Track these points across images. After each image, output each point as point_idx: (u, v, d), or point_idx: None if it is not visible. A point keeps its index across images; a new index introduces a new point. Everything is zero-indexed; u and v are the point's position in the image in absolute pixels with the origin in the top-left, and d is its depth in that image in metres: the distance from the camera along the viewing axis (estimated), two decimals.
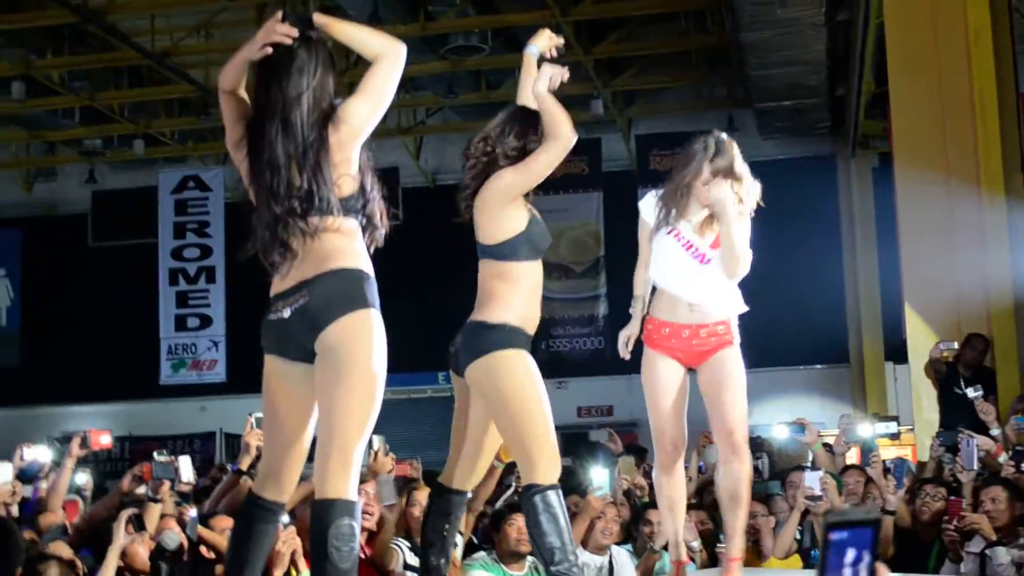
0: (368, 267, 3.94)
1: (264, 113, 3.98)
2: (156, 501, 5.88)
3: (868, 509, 1.46)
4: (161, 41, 16.73)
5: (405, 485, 7.01)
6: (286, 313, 3.88)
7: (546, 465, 4.53)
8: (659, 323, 5.11)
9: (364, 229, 4.03)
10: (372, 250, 4.04)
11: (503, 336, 4.59)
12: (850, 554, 1.44)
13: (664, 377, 5.07)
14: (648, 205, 5.19)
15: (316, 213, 3.88)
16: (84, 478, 9.02)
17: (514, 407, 4.54)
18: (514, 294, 4.65)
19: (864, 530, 1.47)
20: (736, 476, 5.00)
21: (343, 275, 3.87)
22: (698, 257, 5.04)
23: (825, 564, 1.46)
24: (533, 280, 4.71)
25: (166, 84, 18.24)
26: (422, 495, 6.31)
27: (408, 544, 6.34)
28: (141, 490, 5.97)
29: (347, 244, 3.92)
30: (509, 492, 7.96)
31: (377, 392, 3.88)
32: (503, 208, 4.66)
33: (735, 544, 5.07)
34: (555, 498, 4.50)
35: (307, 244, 3.88)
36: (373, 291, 3.90)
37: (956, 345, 9.36)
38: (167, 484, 6.03)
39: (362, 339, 3.83)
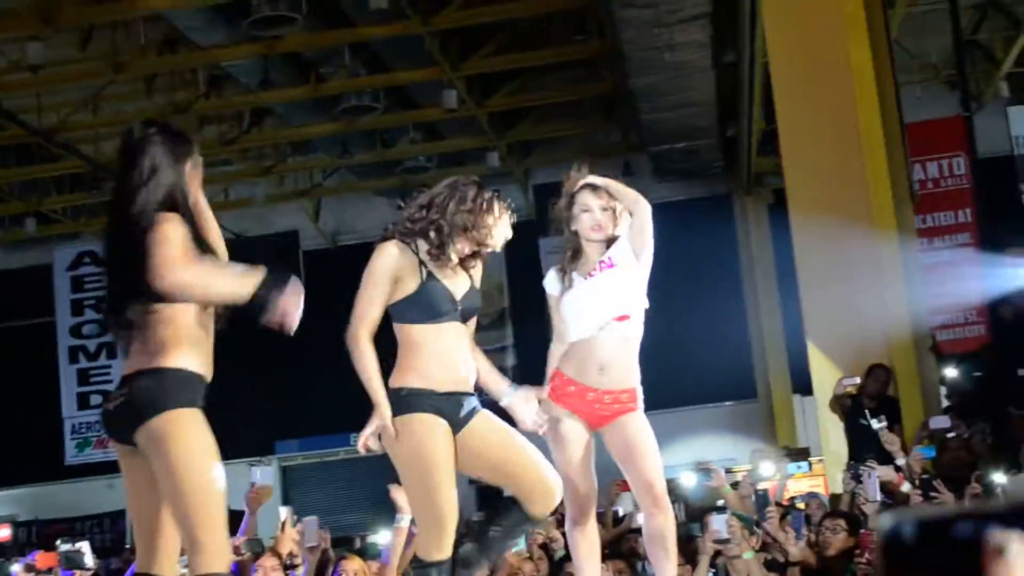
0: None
1: None
2: None
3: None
4: (48, 118, 16.52)
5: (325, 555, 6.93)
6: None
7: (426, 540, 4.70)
8: (566, 380, 5.14)
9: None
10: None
11: (395, 401, 4.62)
12: None
13: (570, 434, 5.07)
14: (551, 279, 5.26)
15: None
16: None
17: (410, 472, 4.62)
18: (412, 357, 4.67)
19: None
20: (661, 529, 5.01)
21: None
22: (602, 269, 5.13)
23: None
24: (432, 342, 4.71)
25: (56, 160, 18.02)
26: (352, 565, 6.24)
27: None
28: None
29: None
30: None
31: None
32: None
33: None
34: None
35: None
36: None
37: (858, 380, 9.51)
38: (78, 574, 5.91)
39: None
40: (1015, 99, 17.15)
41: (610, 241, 5.20)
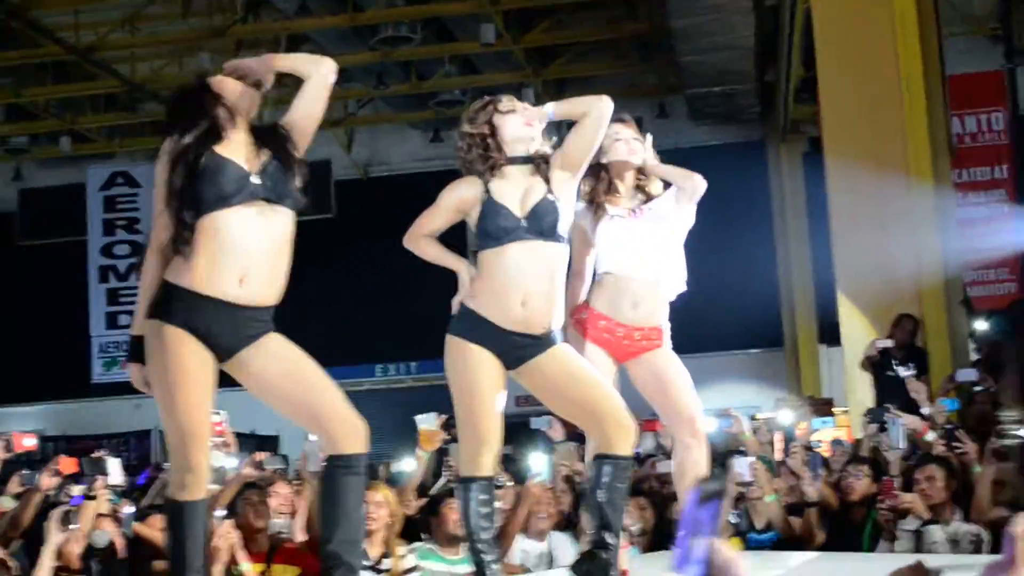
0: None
1: None
2: (90, 499, 5.82)
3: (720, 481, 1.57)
4: (86, 36, 16.51)
5: None
6: None
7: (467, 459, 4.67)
8: (597, 315, 5.11)
9: None
10: None
11: (452, 321, 4.64)
12: (707, 526, 1.53)
13: (599, 367, 5.00)
14: (580, 211, 5.13)
15: None
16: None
17: (454, 391, 4.63)
18: (479, 282, 4.62)
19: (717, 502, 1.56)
20: (699, 462, 5.05)
21: None
22: (646, 216, 5.14)
23: (693, 534, 1.53)
24: (490, 268, 4.61)
25: (92, 80, 18.02)
26: (376, 495, 6.27)
27: None
28: (78, 488, 5.90)
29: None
30: (442, 481, 7.98)
31: (165, 399, 4.10)
32: None
33: None
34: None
35: None
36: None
37: (891, 343, 9.51)
38: (101, 480, 5.97)
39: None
40: None
41: (643, 189, 5.21)
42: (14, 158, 21.31)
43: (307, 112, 4.39)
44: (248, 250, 4.11)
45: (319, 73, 4.37)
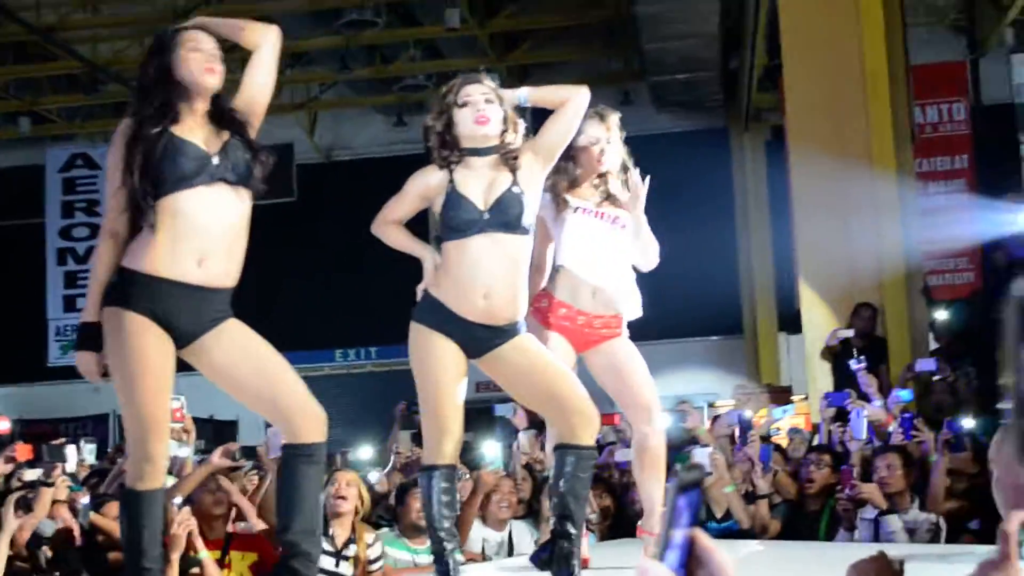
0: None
1: None
2: (48, 485, 5.76)
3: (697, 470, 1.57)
4: (47, 16, 16.34)
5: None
6: None
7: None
8: (557, 303, 5.10)
9: None
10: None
11: (416, 308, 4.64)
12: (686, 516, 1.54)
13: (560, 355, 4.98)
14: (544, 203, 5.09)
15: None
16: None
17: (417, 378, 4.64)
18: (442, 272, 4.61)
19: (696, 491, 1.57)
20: (657, 451, 5.10)
21: None
22: (610, 221, 5.11)
23: (673, 523, 1.53)
24: (453, 259, 4.58)
25: (52, 60, 17.85)
26: (345, 476, 6.25)
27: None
28: (34, 474, 5.84)
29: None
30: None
31: (125, 388, 4.09)
32: None
33: (656, 519, 5.08)
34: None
35: None
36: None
37: (852, 333, 9.55)
38: (60, 467, 5.92)
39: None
40: (1019, 47, 17.02)
41: (607, 179, 5.19)
42: None
43: (262, 83, 4.36)
44: (207, 231, 4.08)
45: (268, 41, 4.34)
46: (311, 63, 18.77)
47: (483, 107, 4.60)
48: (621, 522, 7.19)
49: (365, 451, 10.74)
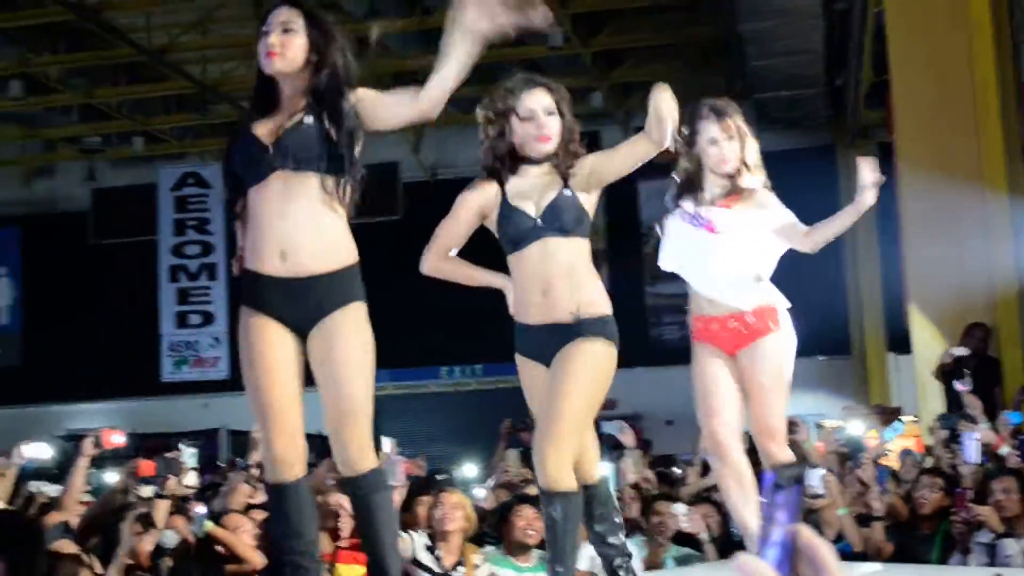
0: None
1: None
2: (163, 498, 5.88)
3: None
4: (158, 38, 16.70)
5: (425, 484, 7.00)
6: None
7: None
8: (694, 316, 4.95)
9: None
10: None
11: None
12: (785, 512, 1.52)
13: (707, 361, 4.86)
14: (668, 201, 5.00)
15: None
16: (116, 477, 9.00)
17: None
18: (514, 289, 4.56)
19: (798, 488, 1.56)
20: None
21: None
22: (703, 225, 4.85)
23: (772, 520, 1.52)
24: (515, 272, 4.50)
25: (164, 81, 18.22)
26: (452, 498, 6.27)
27: (427, 542, 6.29)
28: (149, 490, 5.96)
29: None
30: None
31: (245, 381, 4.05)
32: None
33: None
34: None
35: None
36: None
37: (967, 351, 9.36)
38: (173, 480, 6.03)
39: None
40: None
41: (736, 177, 4.91)
42: (87, 158, 21.61)
43: (384, 118, 4.25)
44: (279, 225, 3.97)
45: (416, 107, 4.25)
46: (416, 82, 18.90)
47: (544, 121, 4.48)
48: (730, 542, 7.13)
49: (470, 469, 10.78)
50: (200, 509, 5.99)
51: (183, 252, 20.89)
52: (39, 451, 7.25)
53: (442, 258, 4.64)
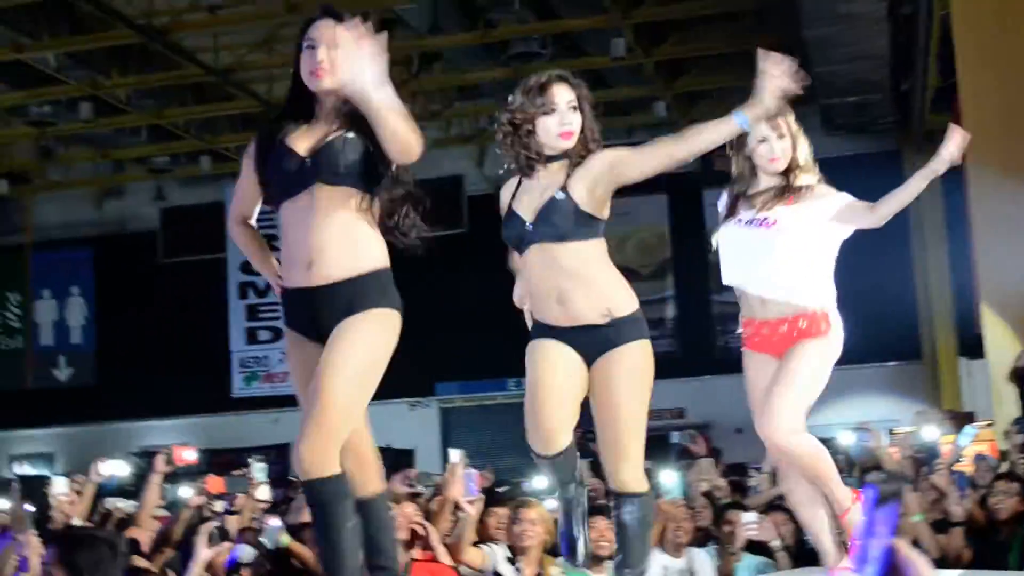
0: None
1: None
2: (234, 514, 5.95)
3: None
4: (224, 58, 16.89)
5: (490, 496, 7.03)
6: None
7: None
8: (744, 321, 4.84)
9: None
10: None
11: None
12: (885, 528, 1.52)
13: (756, 376, 4.74)
14: (721, 204, 4.94)
15: None
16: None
17: None
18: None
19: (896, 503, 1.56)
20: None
21: None
22: (761, 224, 4.72)
23: (870, 535, 1.52)
24: (526, 274, 4.40)
25: (230, 100, 18.42)
26: (532, 512, 6.29)
27: (507, 554, 6.32)
28: (220, 505, 6.03)
29: None
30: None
31: None
32: None
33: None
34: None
35: None
36: None
37: None
38: (241, 497, 6.10)
39: None
40: None
41: (789, 176, 4.82)
42: (156, 178, 21.89)
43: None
44: (305, 239, 3.88)
45: (395, 150, 3.87)
46: (480, 96, 19.00)
47: (568, 116, 4.32)
48: (804, 550, 7.09)
49: (540, 480, 10.72)
50: (275, 522, 6.05)
51: (251, 269, 20.98)
52: (116, 468, 7.36)
53: (512, 258, 4.56)
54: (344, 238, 3.87)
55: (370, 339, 3.87)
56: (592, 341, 4.26)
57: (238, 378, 20.82)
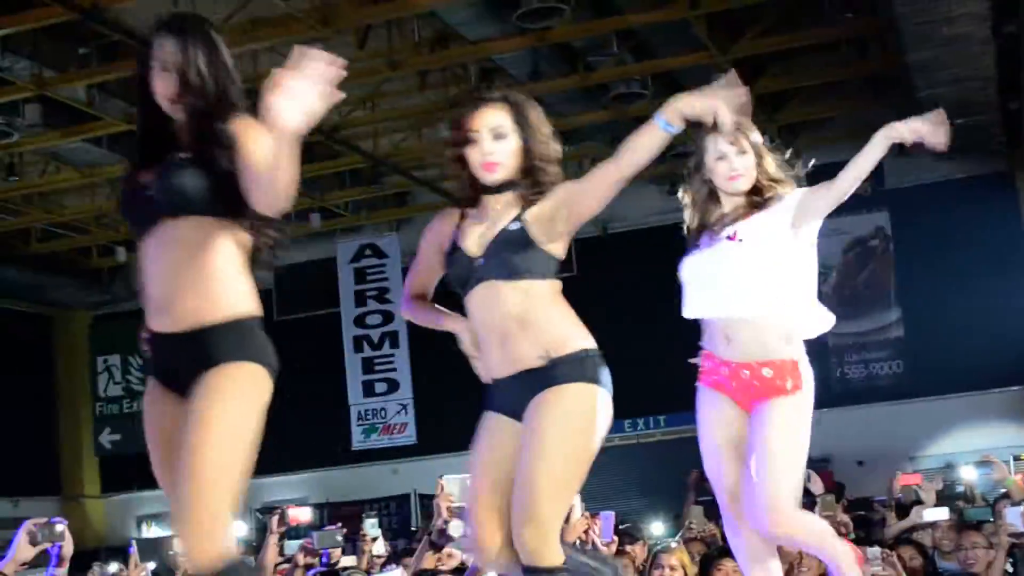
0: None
1: None
2: (357, 569, 6.03)
3: None
4: (330, 117, 17.18)
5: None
6: None
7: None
8: (704, 354, 4.46)
9: None
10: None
11: None
12: None
13: (710, 414, 4.37)
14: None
15: None
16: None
17: None
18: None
19: None
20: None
21: None
22: (720, 239, 4.38)
23: None
24: (470, 318, 3.94)
25: (337, 157, 18.71)
26: (670, 559, 6.28)
27: None
28: (350, 560, 6.12)
29: None
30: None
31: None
32: None
33: None
34: None
35: None
36: None
37: None
38: (366, 553, 6.18)
39: None
40: None
41: (756, 194, 4.44)
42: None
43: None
44: (154, 278, 3.50)
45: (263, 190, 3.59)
46: (583, 139, 19.07)
47: (488, 147, 3.85)
48: None
49: (657, 527, 10.57)
50: (398, 573, 6.11)
51: (365, 322, 21.30)
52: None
53: (411, 302, 4.12)
54: (202, 276, 3.49)
55: (232, 403, 3.57)
56: (532, 389, 3.77)
57: (357, 431, 21.01)
